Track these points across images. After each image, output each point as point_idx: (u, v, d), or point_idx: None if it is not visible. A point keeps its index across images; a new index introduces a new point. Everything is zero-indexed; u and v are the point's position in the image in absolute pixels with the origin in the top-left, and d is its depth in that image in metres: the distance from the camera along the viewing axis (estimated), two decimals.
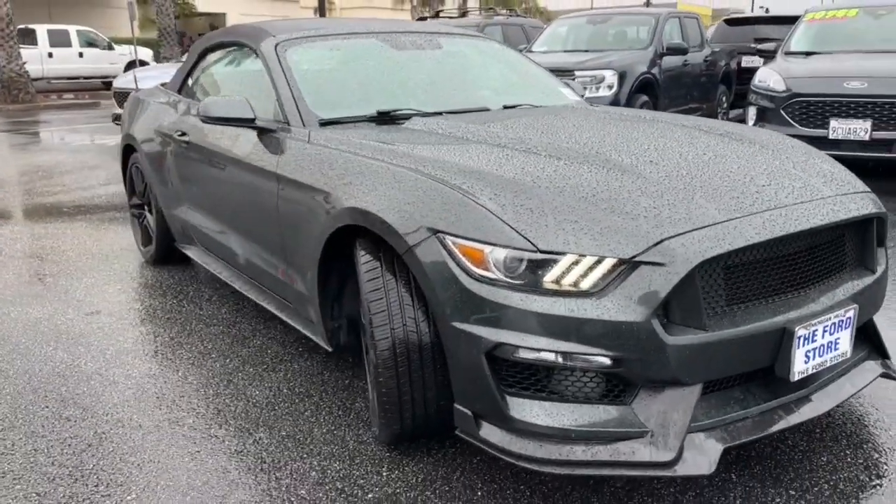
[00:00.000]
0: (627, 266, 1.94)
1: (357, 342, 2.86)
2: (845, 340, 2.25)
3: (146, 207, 4.67)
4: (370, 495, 2.21)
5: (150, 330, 3.60)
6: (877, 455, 2.38)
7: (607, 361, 1.95)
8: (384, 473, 2.33)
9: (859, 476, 2.27)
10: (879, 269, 2.46)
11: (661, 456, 1.95)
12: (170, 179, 4.13)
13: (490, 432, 2.08)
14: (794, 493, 2.18)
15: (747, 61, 12.55)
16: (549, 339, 1.95)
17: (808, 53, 7.72)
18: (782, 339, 2.07)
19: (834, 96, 6.62)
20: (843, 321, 2.21)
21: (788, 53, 7.90)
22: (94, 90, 22.82)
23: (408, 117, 3.07)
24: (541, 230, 1.99)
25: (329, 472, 2.34)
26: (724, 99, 11.78)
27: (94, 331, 3.60)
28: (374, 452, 2.46)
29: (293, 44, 3.41)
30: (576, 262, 1.95)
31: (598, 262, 1.94)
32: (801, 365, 2.11)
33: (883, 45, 7.47)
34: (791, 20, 13.27)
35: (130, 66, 22.65)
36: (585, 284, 1.94)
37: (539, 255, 1.97)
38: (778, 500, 2.15)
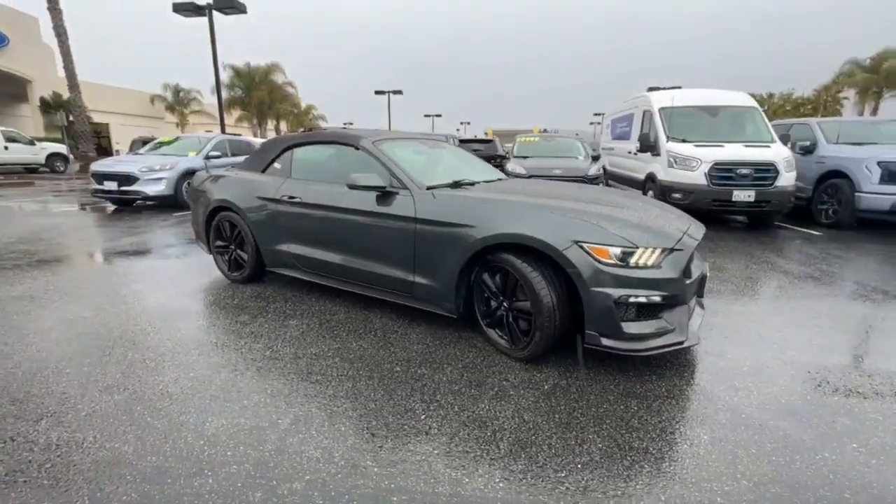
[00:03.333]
0: (668, 251, 4.21)
1: (468, 312, 4.75)
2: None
3: (232, 246, 6.28)
4: (546, 386, 4.16)
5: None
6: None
7: (660, 299, 4.19)
8: (538, 375, 4.28)
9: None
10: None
11: (681, 338, 4.24)
12: (273, 226, 5.77)
13: (608, 342, 4.18)
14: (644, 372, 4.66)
15: None
16: (644, 290, 4.12)
17: (525, 157, 14.15)
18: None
19: (547, 177, 11.62)
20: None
21: (515, 157, 14.37)
22: (16, 174, 25.92)
23: (472, 184, 5.17)
24: (633, 237, 4.17)
25: (511, 377, 4.21)
26: None
27: (243, 337, 4.88)
28: (520, 367, 4.36)
29: (381, 143, 5.37)
30: (643, 252, 4.16)
31: (655, 250, 4.18)
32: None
33: (557, 154, 14.60)
34: (486, 141, 20.45)
35: (51, 157, 27.52)
36: (651, 263, 4.16)
37: (634, 249, 4.13)
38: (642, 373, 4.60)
